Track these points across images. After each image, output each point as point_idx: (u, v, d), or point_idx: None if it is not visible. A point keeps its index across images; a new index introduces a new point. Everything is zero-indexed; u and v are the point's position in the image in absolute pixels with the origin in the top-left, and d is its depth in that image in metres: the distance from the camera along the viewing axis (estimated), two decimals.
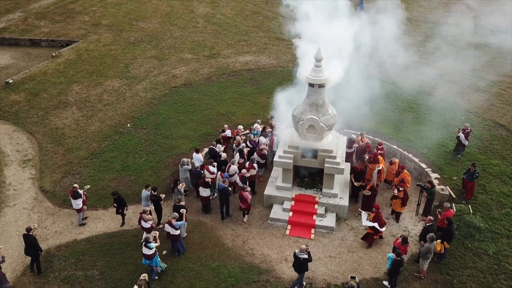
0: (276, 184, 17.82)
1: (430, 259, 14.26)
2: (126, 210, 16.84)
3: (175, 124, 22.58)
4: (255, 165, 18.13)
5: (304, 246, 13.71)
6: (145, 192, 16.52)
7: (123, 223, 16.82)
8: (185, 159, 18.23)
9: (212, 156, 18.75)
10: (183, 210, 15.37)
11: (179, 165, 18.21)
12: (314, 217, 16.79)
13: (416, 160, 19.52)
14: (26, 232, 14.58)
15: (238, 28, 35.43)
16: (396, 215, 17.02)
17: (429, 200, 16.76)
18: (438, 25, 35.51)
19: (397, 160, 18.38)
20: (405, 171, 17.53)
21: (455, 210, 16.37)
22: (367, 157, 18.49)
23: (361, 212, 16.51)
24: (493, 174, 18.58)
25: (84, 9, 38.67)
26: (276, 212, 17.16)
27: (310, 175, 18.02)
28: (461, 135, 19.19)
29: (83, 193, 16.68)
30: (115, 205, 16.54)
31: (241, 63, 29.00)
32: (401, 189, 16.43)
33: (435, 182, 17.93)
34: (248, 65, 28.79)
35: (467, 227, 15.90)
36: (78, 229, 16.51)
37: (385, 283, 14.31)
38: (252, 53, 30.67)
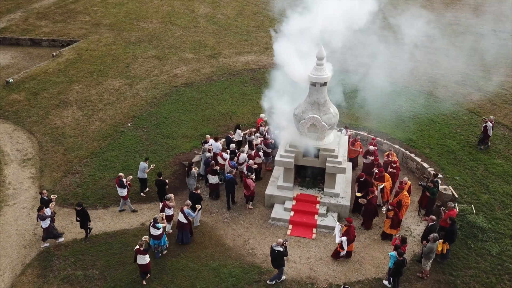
0: (278, 184, 17.70)
1: (432, 259, 14.13)
2: (90, 225, 15.77)
3: (176, 124, 22.49)
4: (260, 153, 18.50)
5: (280, 240, 13.69)
6: (143, 164, 17.56)
7: (86, 238, 15.83)
8: (206, 146, 18.66)
9: (228, 143, 19.37)
10: (198, 206, 15.79)
11: (201, 151, 18.82)
12: (316, 216, 16.67)
13: (418, 159, 19.40)
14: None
15: (239, 28, 35.34)
16: (382, 235, 15.96)
17: (431, 200, 16.63)
18: (441, 24, 35.41)
19: (409, 182, 16.59)
20: (405, 192, 15.99)
21: (457, 210, 16.24)
22: (376, 171, 17.52)
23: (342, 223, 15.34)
24: (496, 174, 18.46)
25: (85, 9, 38.63)
26: (277, 211, 17.05)
27: (311, 175, 17.91)
28: (489, 124, 19.31)
29: (127, 182, 16.77)
30: (77, 218, 15.51)
31: (242, 63, 28.91)
32: (390, 208, 15.22)
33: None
34: (249, 64, 28.71)
35: (470, 227, 15.77)
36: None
37: (385, 282, 14.17)
38: (253, 52, 30.58)
